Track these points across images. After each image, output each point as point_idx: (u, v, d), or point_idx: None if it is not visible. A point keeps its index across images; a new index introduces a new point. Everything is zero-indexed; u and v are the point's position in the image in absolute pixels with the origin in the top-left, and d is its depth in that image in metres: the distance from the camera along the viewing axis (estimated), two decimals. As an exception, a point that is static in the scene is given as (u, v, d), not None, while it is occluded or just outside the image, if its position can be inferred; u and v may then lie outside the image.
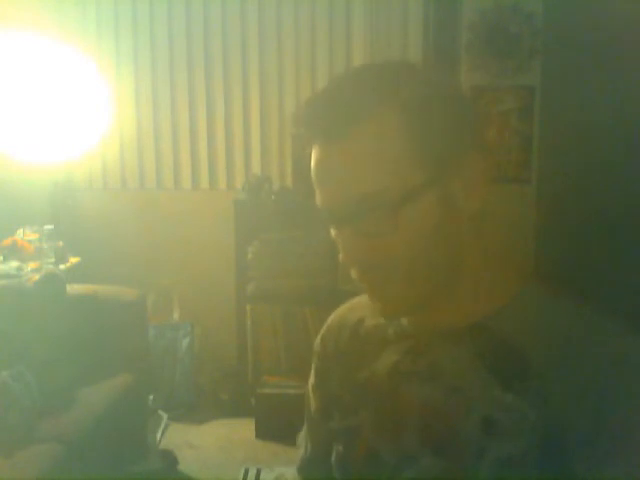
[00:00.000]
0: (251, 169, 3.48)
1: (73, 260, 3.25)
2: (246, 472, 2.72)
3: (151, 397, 3.20)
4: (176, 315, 3.54)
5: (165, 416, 3.24)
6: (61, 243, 3.20)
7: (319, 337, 0.97)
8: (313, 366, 0.97)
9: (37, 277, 2.69)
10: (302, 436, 1.02)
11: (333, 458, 0.88)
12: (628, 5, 2.70)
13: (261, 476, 2.69)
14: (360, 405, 0.84)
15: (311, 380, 0.98)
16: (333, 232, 0.77)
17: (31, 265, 3.04)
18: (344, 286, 2.83)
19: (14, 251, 3.11)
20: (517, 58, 3.06)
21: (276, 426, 2.95)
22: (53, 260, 3.14)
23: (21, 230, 3.25)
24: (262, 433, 3.02)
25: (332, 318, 0.96)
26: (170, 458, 2.78)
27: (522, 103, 3.10)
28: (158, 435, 3.08)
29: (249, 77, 3.44)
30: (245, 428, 3.08)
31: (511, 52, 3.06)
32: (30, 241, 3.18)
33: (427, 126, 0.72)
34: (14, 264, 3.01)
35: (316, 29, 3.35)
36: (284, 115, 3.41)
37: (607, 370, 0.70)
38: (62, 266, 3.12)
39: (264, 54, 3.40)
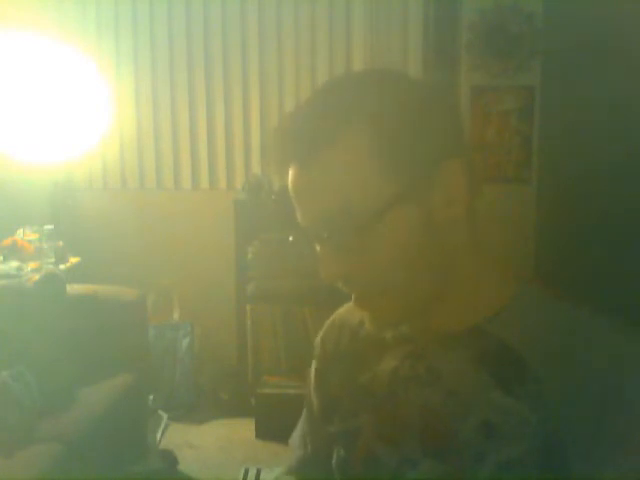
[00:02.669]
0: (251, 169, 3.48)
1: (73, 260, 3.25)
2: (246, 472, 2.72)
3: (151, 397, 3.20)
4: (176, 315, 3.54)
5: (165, 416, 3.24)
6: (61, 243, 3.20)
7: (319, 338, 0.97)
8: (313, 368, 0.97)
9: (37, 277, 2.69)
10: (295, 438, 1.01)
11: (334, 461, 0.88)
12: (628, 5, 2.71)
13: (261, 476, 2.69)
14: (360, 408, 0.84)
15: (311, 382, 0.97)
16: (317, 248, 0.78)
17: (31, 265, 3.03)
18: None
19: (14, 251, 3.11)
20: (517, 58, 3.06)
21: (276, 426, 2.94)
22: (53, 260, 3.13)
23: (21, 230, 3.25)
24: (262, 433, 3.02)
25: (332, 319, 0.96)
26: (170, 458, 2.77)
27: (522, 103, 3.10)
28: (158, 435, 3.08)
29: (249, 77, 3.43)
30: (245, 428, 3.08)
31: (511, 52, 3.06)
32: (30, 241, 3.18)
33: (395, 139, 0.71)
34: (14, 264, 3.01)
35: (316, 29, 3.35)
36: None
37: (607, 371, 0.70)
38: (62, 266, 3.12)
39: (264, 54, 3.40)
